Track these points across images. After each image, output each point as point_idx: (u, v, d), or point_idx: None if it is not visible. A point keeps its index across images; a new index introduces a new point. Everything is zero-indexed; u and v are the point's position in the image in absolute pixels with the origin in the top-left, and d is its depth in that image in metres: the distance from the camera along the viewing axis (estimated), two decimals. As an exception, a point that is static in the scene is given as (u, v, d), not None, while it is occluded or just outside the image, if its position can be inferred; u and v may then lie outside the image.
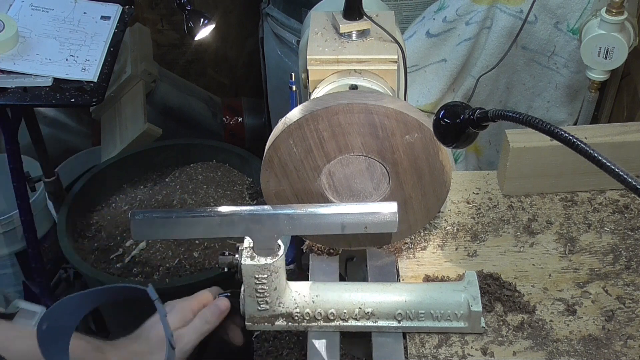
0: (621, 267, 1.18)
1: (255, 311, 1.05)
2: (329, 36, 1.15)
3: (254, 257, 1.00)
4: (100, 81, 1.65)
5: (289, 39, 2.20)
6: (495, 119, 0.83)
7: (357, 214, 0.98)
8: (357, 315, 1.05)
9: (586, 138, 1.26)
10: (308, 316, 1.06)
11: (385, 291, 1.07)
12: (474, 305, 1.04)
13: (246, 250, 1.01)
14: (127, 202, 2.13)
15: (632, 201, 1.29)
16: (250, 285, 1.02)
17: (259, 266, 1.00)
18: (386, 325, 1.06)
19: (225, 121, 2.74)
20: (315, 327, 1.06)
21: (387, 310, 1.05)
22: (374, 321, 1.06)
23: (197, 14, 1.84)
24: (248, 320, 1.06)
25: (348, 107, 1.00)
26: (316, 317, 1.06)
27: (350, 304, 1.05)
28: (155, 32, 2.78)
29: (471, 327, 1.06)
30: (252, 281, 1.01)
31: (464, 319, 1.05)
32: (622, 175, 0.69)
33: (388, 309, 1.05)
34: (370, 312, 1.05)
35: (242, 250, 1.01)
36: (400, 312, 1.05)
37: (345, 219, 0.97)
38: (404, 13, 1.91)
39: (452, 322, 1.06)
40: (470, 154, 1.91)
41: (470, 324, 1.05)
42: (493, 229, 1.25)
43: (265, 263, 0.99)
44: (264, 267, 1.00)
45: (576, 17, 1.69)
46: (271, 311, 1.05)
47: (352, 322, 1.06)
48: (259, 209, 0.98)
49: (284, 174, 1.06)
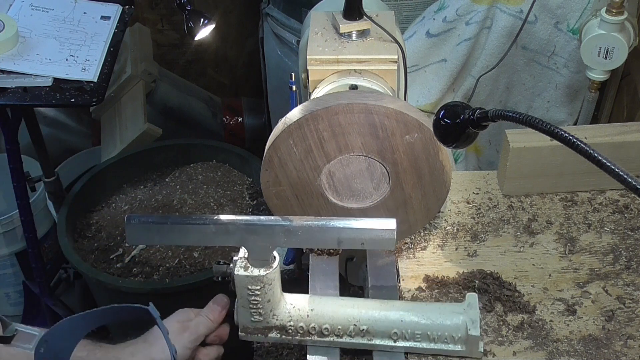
0: (621, 267, 1.18)
1: (249, 322, 1.03)
2: (329, 36, 1.15)
3: (248, 268, 0.98)
4: (100, 81, 1.65)
5: (289, 39, 2.20)
6: (495, 119, 0.83)
7: (355, 229, 0.96)
8: (352, 332, 1.02)
9: (586, 138, 1.26)
10: (302, 330, 1.03)
11: (382, 309, 1.03)
12: (472, 329, 1.00)
13: (240, 261, 0.99)
14: (127, 202, 2.13)
15: (632, 201, 1.29)
16: (243, 296, 1.00)
17: (252, 277, 0.98)
18: (381, 344, 1.03)
19: (225, 121, 2.74)
20: (309, 341, 1.04)
21: (383, 328, 1.02)
22: (368, 339, 1.03)
23: (197, 14, 1.84)
24: (241, 331, 1.05)
25: (348, 107, 1.00)
26: (310, 332, 1.03)
27: (345, 320, 1.02)
28: (155, 32, 2.78)
29: (469, 351, 1.02)
30: (245, 292, 1.00)
31: (462, 342, 1.02)
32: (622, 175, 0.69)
33: (384, 328, 1.02)
34: (366, 330, 1.02)
35: (236, 260, 1.00)
36: (396, 332, 1.02)
37: (342, 234, 0.95)
38: (404, 13, 1.91)
39: (449, 345, 1.02)
40: (470, 154, 1.91)
41: (467, 348, 1.02)
42: (493, 229, 1.25)
43: (258, 274, 0.98)
44: (257, 278, 0.98)
45: (576, 17, 1.69)
46: (265, 323, 1.03)
47: (346, 338, 1.03)
48: (255, 219, 0.97)
49: (284, 174, 1.06)
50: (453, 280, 1.16)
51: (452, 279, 1.16)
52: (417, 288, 1.15)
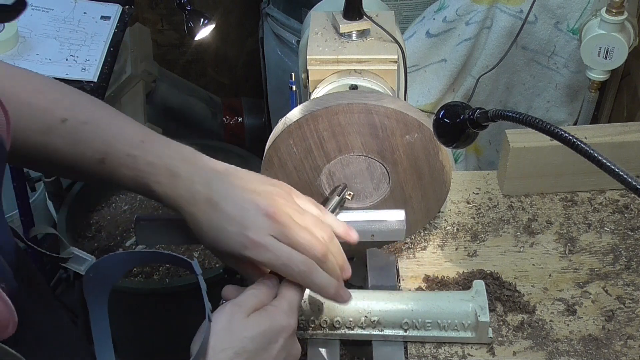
0: (621, 267, 1.18)
1: None
2: (329, 36, 1.15)
3: None
4: (100, 81, 1.65)
5: (289, 39, 2.20)
6: (495, 119, 0.83)
7: (365, 222, 0.97)
8: (363, 324, 1.04)
9: (586, 138, 1.26)
10: (313, 324, 1.04)
11: (392, 300, 1.05)
12: (481, 316, 1.02)
13: None
14: (127, 202, 2.13)
15: (632, 201, 1.29)
16: None
17: None
18: (392, 334, 1.05)
19: (225, 121, 2.74)
20: (320, 334, 1.05)
21: (394, 319, 1.04)
22: (379, 330, 1.05)
23: (197, 14, 1.84)
24: None
25: (348, 107, 1.00)
26: (322, 325, 1.04)
27: (356, 312, 1.04)
28: (155, 32, 2.78)
29: (478, 338, 1.04)
30: None
31: (472, 329, 1.04)
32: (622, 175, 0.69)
33: (394, 318, 1.04)
34: (377, 321, 1.04)
35: None
36: (407, 321, 1.04)
37: (352, 227, 0.96)
38: (404, 13, 1.91)
39: (459, 332, 1.04)
40: (470, 154, 1.91)
41: (477, 335, 1.04)
42: (493, 229, 1.25)
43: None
44: None
45: (576, 17, 1.69)
46: None
47: (357, 330, 1.05)
48: None
49: (284, 174, 1.06)
50: (453, 280, 1.16)
51: (452, 279, 1.16)
52: (417, 288, 1.15)
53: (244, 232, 0.82)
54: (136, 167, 0.85)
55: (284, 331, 0.81)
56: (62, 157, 0.87)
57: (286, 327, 0.81)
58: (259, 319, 0.80)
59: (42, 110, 0.75)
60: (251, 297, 0.83)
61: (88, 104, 0.91)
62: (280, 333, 0.80)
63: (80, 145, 0.86)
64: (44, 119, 0.85)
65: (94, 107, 0.91)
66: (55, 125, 0.86)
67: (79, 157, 0.87)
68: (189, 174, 0.85)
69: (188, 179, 0.84)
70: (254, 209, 0.83)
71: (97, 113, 0.89)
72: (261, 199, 0.84)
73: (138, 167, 0.85)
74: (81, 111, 0.88)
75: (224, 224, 0.83)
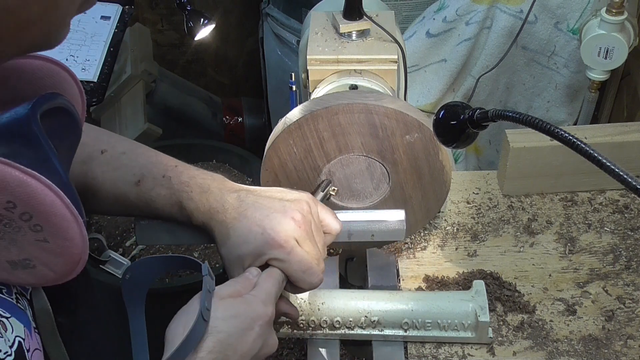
0: (621, 267, 1.18)
1: None
2: (329, 36, 1.15)
3: None
4: (100, 81, 1.65)
5: (289, 39, 2.20)
6: (495, 119, 0.83)
7: (365, 222, 0.97)
8: (363, 324, 1.05)
9: (586, 138, 1.26)
10: (313, 324, 1.05)
11: (392, 300, 1.06)
12: (481, 316, 1.02)
13: None
14: (127, 202, 2.13)
15: (632, 201, 1.29)
16: None
17: None
18: (392, 334, 1.05)
19: (225, 121, 2.74)
20: (320, 334, 1.06)
21: (394, 319, 1.05)
22: (380, 330, 1.05)
23: (197, 14, 1.84)
24: None
25: (348, 107, 1.00)
26: (322, 325, 1.05)
27: (356, 312, 1.05)
28: (155, 32, 2.78)
29: (478, 338, 1.05)
30: None
31: (472, 329, 1.04)
32: (622, 175, 0.68)
33: (394, 318, 1.05)
34: (377, 321, 1.05)
35: None
36: (407, 321, 1.04)
37: (352, 227, 0.97)
38: (404, 13, 1.91)
39: (459, 332, 1.04)
40: (470, 154, 1.91)
41: (477, 335, 1.04)
42: (493, 229, 1.25)
43: None
44: None
45: (576, 17, 1.69)
46: (276, 318, 1.04)
47: (357, 330, 1.05)
48: None
49: (284, 174, 1.06)
50: (453, 280, 1.16)
51: (452, 279, 1.16)
52: (417, 288, 1.15)
53: (269, 231, 0.86)
54: (171, 186, 0.92)
55: (260, 319, 0.81)
56: (101, 184, 0.94)
57: (262, 315, 0.82)
58: (232, 302, 0.82)
59: (82, 144, 0.79)
60: (226, 286, 0.86)
61: (124, 140, 1.00)
62: (256, 320, 0.81)
63: (118, 170, 0.94)
64: (84, 150, 0.90)
65: (130, 142, 1.00)
66: (96, 156, 0.95)
67: (116, 181, 0.94)
68: (219, 189, 0.91)
69: (218, 193, 0.91)
70: (281, 212, 0.88)
71: (133, 146, 0.99)
72: (288, 203, 0.89)
73: (172, 187, 0.92)
74: (119, 144, 0.97)
75: (251, 226, 0.88)
